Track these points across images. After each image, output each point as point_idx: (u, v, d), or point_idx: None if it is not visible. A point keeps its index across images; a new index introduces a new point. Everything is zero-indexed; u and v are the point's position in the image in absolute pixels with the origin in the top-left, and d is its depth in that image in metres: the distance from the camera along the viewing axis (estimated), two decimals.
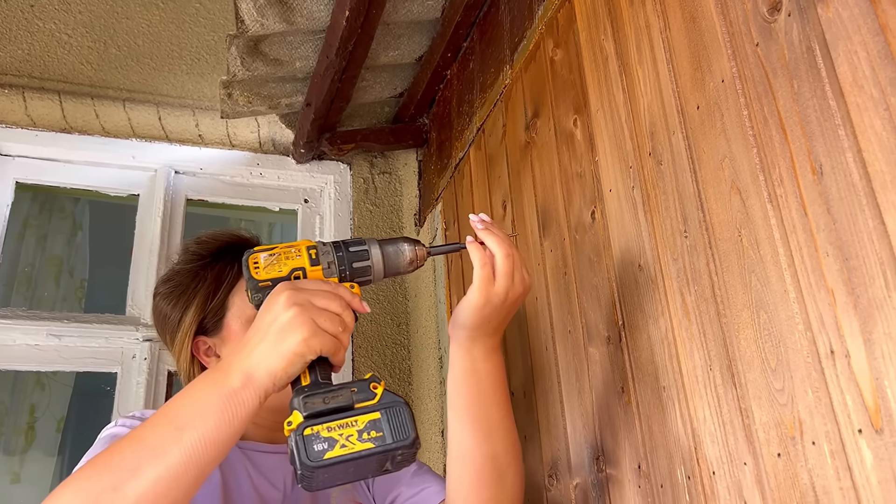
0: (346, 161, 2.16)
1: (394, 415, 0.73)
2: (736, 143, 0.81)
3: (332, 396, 0.73)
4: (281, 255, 0.81)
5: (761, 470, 0.75)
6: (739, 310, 0.79)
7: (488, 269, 0.89)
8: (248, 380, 0.73)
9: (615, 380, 1.03)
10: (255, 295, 0.80)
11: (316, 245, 0.83)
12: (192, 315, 1.06)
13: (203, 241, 1.13)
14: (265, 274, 0.80)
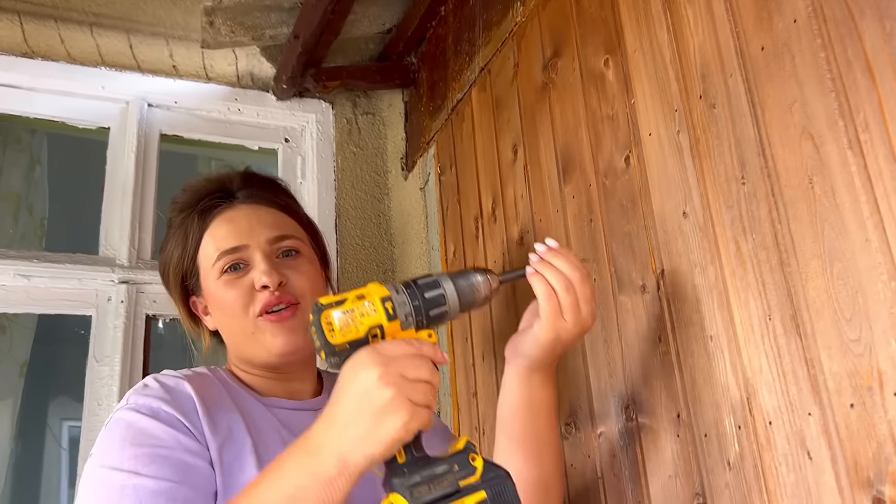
0: (329, 100, 2.07)
1: (499, 492, 0.72)
2: (810, 87, 0.78)
3: (436, 482, 0.70)
4: (355, 312, 0.73)
5: (829, 420, 0.74)
6: (808, 259, 0.77)
7: (554, 303, 0.85)
8: (343, 466, 0.69)
9: (650, 329, 1.01)
10: (332, 359, 0.74)
11: (390, 295, 0.75)
12: (172, 275, 1.03)
13: (186, 190, 1.07)
14: (341, 337, 0.73)
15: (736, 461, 0.85)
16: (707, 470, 0.90)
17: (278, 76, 1.95)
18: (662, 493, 0.97)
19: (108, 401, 1.62)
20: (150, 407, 0.88)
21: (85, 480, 0.86)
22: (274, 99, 2.01)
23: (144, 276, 1.74)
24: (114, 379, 1.64)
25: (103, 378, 1.65)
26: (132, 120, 1.85)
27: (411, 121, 2.03)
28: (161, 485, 0.82)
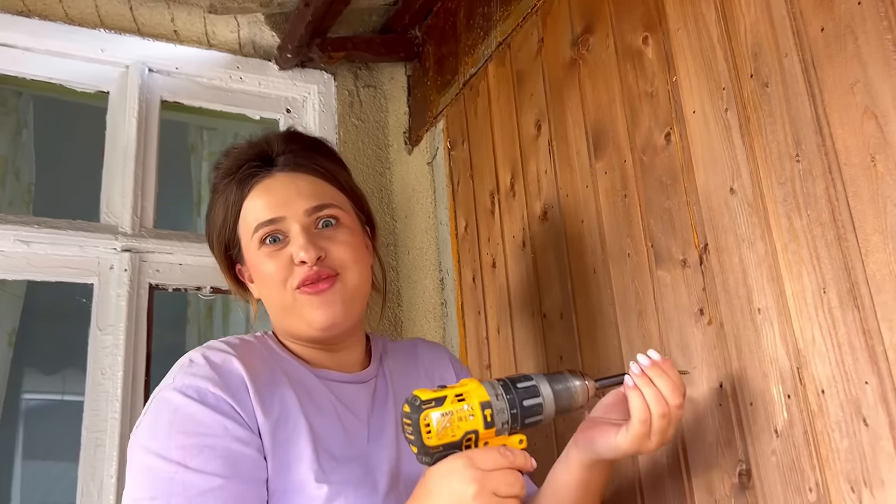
0: (331, 71, 2.04)
1: None
2: (874, 68, 0.81)
3: None
4: (454, 416, 0.74)
5: (887, 388, 0.77)
6: (868, 234, 0.80)
7: (647, 427, 0.84)
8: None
9: (691, 302, 1.03)
10: (424, 458, 0.75)
11: (490, 400, 0.75)
12: (216, 243, 1.02)
13: (228, 155, 1.03)
14: (437, 440, 0.73)
15: (784, 428, 0.88)
16: (752, 437, 0.93)
17: (283, 45, 1.92)
18: (702, 461, 1.00)
19: (113, 370, 1.60)
20: (198, 389, 0.86)
21: (133, 462, 0.85)
22: (276, 68, 1.98)
23: (148, 244, 1.71)
24: (118, 348, 1.61)
25: (107, 347, 1.62)
26: (133, 84, 1.81)
27: (415, 95, 2.02)
28: (211, 481, 0.81)
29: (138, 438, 0.87)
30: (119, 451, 1.54)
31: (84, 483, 1.54)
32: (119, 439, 1.55)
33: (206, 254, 1.75)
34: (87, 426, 1.57)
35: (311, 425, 0.90)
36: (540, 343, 1.37)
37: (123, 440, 1.56)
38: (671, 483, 1.05)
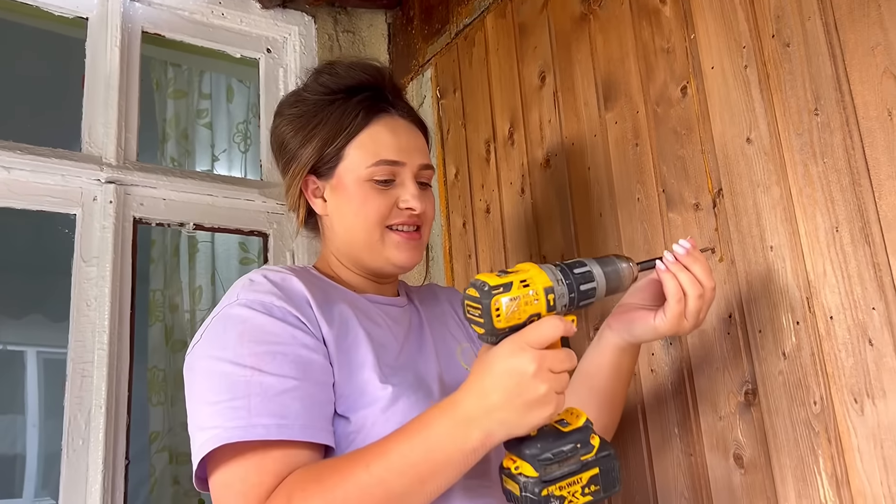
0: (311, 13, 2.04)
1: (608, 469, 0.80)
2: (895, 33, 0.92)
3: (564, 460, 0.78)
4: (521, 300, 0.77)
5: (893, 312, 0.90)
6: (882, 180, 0.92)
7: (682, 307, 0.91)
8: (486, 440, 0.76)
9: (703, 241, 1.13)
10: (491, 338, 0.78)
11: (552, 286, 0.79)
12: (309, 154, 1.02)
13: (336, 73, 1.05)
14: (506, 323, 0.77)
15: (792, 351, 1.00)
16: (760, 360, 1.04)
17: None
18: (708, 384, 1.11)
19: (99, 302, 1.58)
20: (263, 303, 0.90)
21: (201, 372, 0.87)
22: (258, 6, 1.96)
23: (133, 177, 1.69)
24: (105, 280, 1.59)
25: (92, 279, 1.60)
26: (114, 12, 1.76)
27: (396, 43, 2.05)
28: (286, 383, 0.84)
29: (204, 350, 0.89)
30: (107, 382, 1.54)
31: (71, 414, 1.52)
32: (107, 369, 1.55)
33: (190, 190, 1.76)
34: (73, 357, 1.55)
35: (369, 335, 0.95)
36: None
37: (111, 370, 1.55)
38: (675, 402, 1.16)
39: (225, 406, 0.82)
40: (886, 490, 0.89)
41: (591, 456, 0.79)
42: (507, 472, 0.79)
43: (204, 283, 2.27)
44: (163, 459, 2.10)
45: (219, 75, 2.43)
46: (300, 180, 1.03)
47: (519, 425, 0.76)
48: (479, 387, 0.76)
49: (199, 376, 0.88)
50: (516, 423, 0.76)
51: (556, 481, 0.77)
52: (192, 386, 0.89)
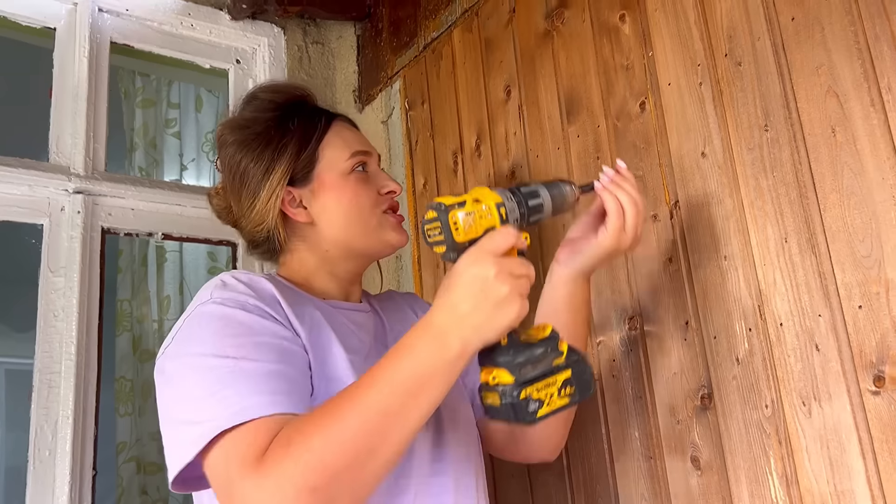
0: (281, 24, 2.06)
1: (580, 371, 0.86)
2: (837, 55, 0.97)
3: (536, 362, 0.83)
4: (475, 215, 0.83)
5: (837, 319, 0.94)
6: (827, 193, 0.97)
7: (621, 221, 0.98)
8: (464, 348, 0.79)
9: (661, 252, 1.18)
10: (452, 254, 0.83)
11: (503, 201, 0.86)
12: (285, 164, 1.04)
13: (273, 91, 1.11)
14: (464, 236, 0.82)
15: (745, 357, 1.05)
16: (714, 366, 1.09)
17: None
18: (666, 388, 1.15)
19: (66, 312, 1.58)
20: (237, 300, 0.91)
21: (181, 369, 0.88)
22: (228, 18, 1.98)
23: (101, 187, 1.69)
24: (72, 291, 1.59)
25: (59, 289, 1.60)
26: (83, 23, 1.76)
27: (365, 55, 2.07)
28: (271, 366, 0.86)
29: (180, 349, 0.89)
30: (74, 392, 1.54)
31: (38, 424, 1.52)
32: (74, 380, 1.54)
33: (158, 199, 1.77)
34: (40, 368, 1.55)
35: (339, 336, 0.98)
36: None
37: (79, 381, 1.55)
38: (636, 407, 1.20)
39: (216, 398, 0.82)
40: (833, 488, 0.94)
41: (562, 360, 0.85)
42: (485, 386, 0.83)
43: (172, 292, 2.27)
44: (130, 469, 2.09)
45: (188, 85, 2.44)
46: (280, 194, 1.04)
47: (490, 328, 0.79)
48: (448, 301, 0.80)
49: (178, 376, 0.88)
50: (487, 327, 0.79)
51: (532, 382, 0.82)
52: (170, 385, 0.89)
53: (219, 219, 1.15)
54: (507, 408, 0.81)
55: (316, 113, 1.10)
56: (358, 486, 0.76)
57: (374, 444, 0.76)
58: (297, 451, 0.75)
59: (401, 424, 0.77)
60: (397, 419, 0.77)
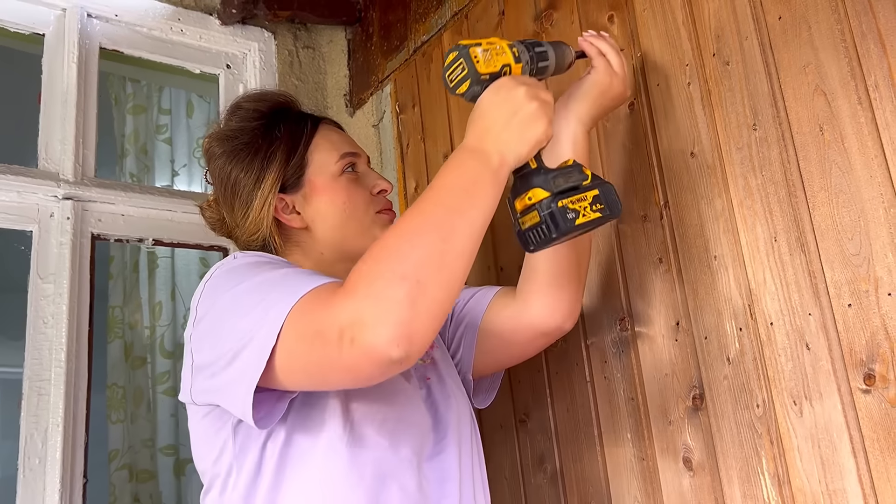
0: (271, 29, 2.06)
1: (606, 191, 0.93)
2: (825, 53, 0.97)
3: (567, 177, 0.91)
4: (491, 51, 0.91)
5: (827, 318, 0.94)
6: (815, 192, 0.96)
7: (606, 61, 1.04)
8: (503, 161, 0.86)
9: (651, 252, 1.17)
10: (475, 87, 0.90)
11: (513, 43, 0.94)
12: (275, 172, 1.04)
13: (257, 100, 1.11)
14: (484, 68, 0.89)
15: (736, 357, 1.04)
16: (706, 366, 1.08)
17: None
18: (658, 389, 1.15)
19: (56, 319, 1.57)
20: (255, 256, 0.94)
21: (215, 310, 0.87)
22: (217, 23, 1.97)
23: (91, 193, 1.68)
24: (62, 297, 1.58)
25: (49, 296, 1.59)
26: (71, 28, 1.76)
27: (356, 59, 2.07)
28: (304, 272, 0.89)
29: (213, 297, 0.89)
30: (64, 400, 1.53)
31: (28, 432, 1.51)
32: (64, 387, 1.53)
33: (149, 205, 1.76)
34: (30, 375, 1.54)
35: None
36: None
37: (69, 388, 1.54)
38: (628, 409, 1.19)
39: (267, 300, 0.81)
40: (825, 487, 0.93)
41: (588, 181, 0.92)
42: (524, 210, 0.90)
43: (164, 298, 2.26)
44: (122, 477, 2.08)
45: (178, 90, 2.43)
46: (272, 201, 1.04)
47: (522, 141, 0.87)
48: (481, 125, 0.88)
49: (213, 315, 0.87)
50: (519, 140, 0.87)
51: (567, 194, 0.89)
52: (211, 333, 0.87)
53: (213, 231, 1.15)
54: (546, 219, 0.88)
55: (301, 118, 1.10)
56: (444, 274, 0.76)
57: (444, 235, 0.78)
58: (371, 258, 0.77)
59: (462, 219, 0.80)
60: (460, 215, 0.80)
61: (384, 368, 0.73)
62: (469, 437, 1.04)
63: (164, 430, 2.16)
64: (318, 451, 0.90)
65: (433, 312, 0.74)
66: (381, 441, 0.92)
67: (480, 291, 1.18)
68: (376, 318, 0.72)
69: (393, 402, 0.95)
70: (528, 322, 1.11)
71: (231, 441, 0.92)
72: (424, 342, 0.74)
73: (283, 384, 0.82)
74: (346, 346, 0.73)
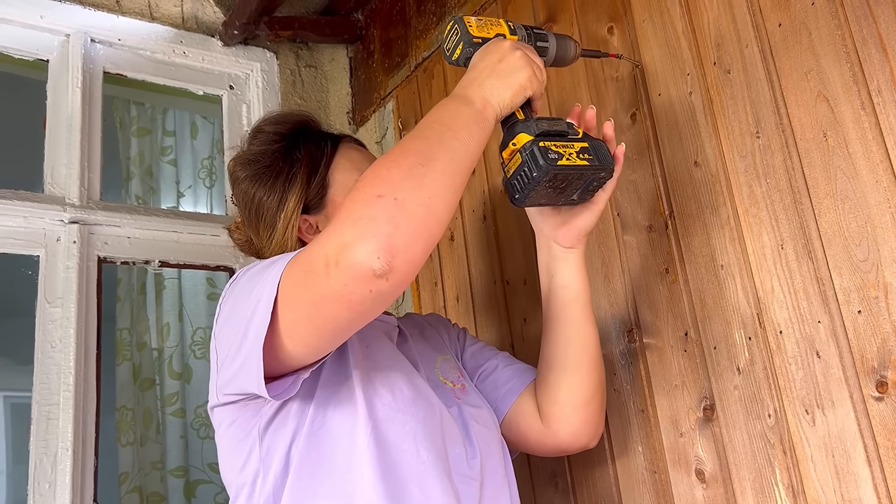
0: (273, 49, 2.07)
1: (597, 146, 0.94)
2: (826, 59, 0.96)
3: (552, 123, 0.92)
4: (486, 21, 0.96)
5: (837, 325, 0.93)
6: (821, 198, 0.96)
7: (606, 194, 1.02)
8: (486, 104, 0.89)
9: (657, 262, 1.17)
10: (467, 49, 0.95)
11: (513, 22, 0.98)
12: (297, 194, 1.05)
13: (276, 123, 1.11)
14: (477, 32, 0.95)
15: (746, 366, 1.03)
16: (716, 376, 1.07)
17: (230, 20, 1.92)
18: (668, 401, 1.14)
19: (64, 343, 1.57)
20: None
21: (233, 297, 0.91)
22: (220, 44, 1.98)
23: (97, 216, 1.69)
24: (69, 321, 1.59)
25: (56, 320, 1.59)
26: (75, 54, 1.77)
27: (358, 76, 2.08)
28: None
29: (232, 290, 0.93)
30: (73, 424, 1.53)
31: (36, 458, 1.51)
32: (73, 411, 1.53)
33: (155, 227, 1.77)
34: (38, 400, 1.54)
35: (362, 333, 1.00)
36: (503, 307, 1.47)
37: (77, 412, 1.54)
38: (638, 421, 1.18)
39: (271, 268, 0.84)
40: (840, 497, 0.92)
41: (579, 136, 0.94)
42: (509, 157, 0.92)
43: (171, 319, 2.26)
44: (133, 500, 2.07)
45: (182, 112, 2.44)
46: (296, 223, 1.05)
47: (506, 85, 0.90)
48: (468, 77, 0.92)
49: (233, 302, 0.91)
50: (504, 84, 0.90)
51: (550, 138, 0.90)
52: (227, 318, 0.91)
53: (241, 251, 1.16)
54: (527, 159, 0.88)
55: (322, 138, 1.10)
56: (423, 193, 0.77)
57: (422, 160, 0.79)
58: (353, 189, 0.78)
59: (442, 147, 0.81)
60: (440, 144, 0.82)
61: (370, 285, 0.74)
62: (501, 459, 1.03)
63: (174, 452, 2.15)
64: (341, 453, 0.90)
65: (414, 227, 0.75)
66: (404, 444, 0.92)
67: (503, 375, 1.15)
68: (354, 236, 0.74)
69: (417, 408, 0.95)
70: (555, 445, 1.10)
71: (258, 445, 0.93)
72: (408, 258, 0.75)
73: (292, 350, 0.83)
74: (332, 271, 0.74)
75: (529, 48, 0.96)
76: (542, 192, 0.91)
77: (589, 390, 1.07)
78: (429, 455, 0.92)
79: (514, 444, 1.12)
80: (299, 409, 0.92)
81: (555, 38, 1.02)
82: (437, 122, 0.85)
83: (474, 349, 1.20)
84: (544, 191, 0.91)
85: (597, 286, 1.26)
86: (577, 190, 0.95)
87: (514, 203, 0.93)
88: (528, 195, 0.91)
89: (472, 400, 1.08)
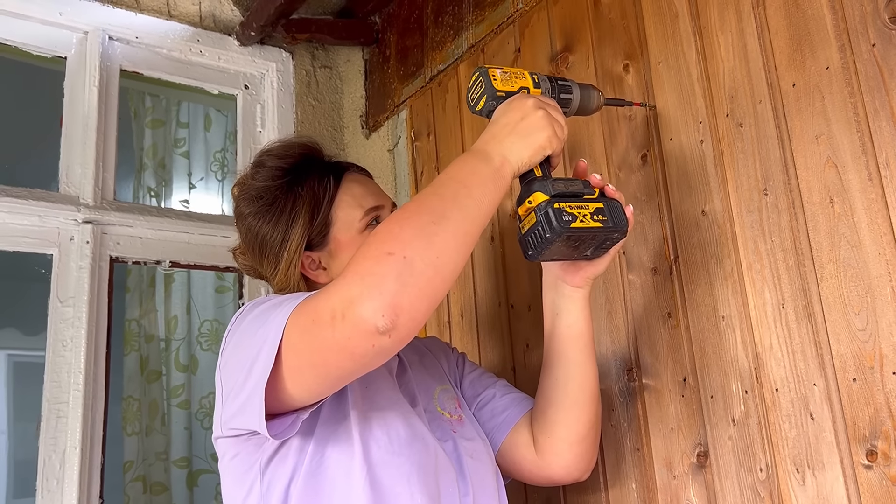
0: (289, 50, 2.07)
1: (613, 206, 0.96)
2: (837, 126, 0.97)
3: (569, 185, 0.95)
4: (511, 74, 0.98)
5: (832, 390, 0.95)
6: (824, 263, 0.97)
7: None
8: (504, 161, 0.90)
9: (660, 305, 1.19)
10: (490, 102, 0.97)
11: (537, 73, 1.00)
12: (299, 233, 1.06)
13: (281, 155, 1.11)
14: (501, 86, 0.97)
15: (741, 418, 1.06)
16: (711, 425, 1.10)
17: (247, 21, 1.93)
18: (663, 443, 1.16)
19: (75, 342, 1.61)
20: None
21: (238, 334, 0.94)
22: (236, 44, 1.99)
23: (110, 217, 1.71)
24: (81, 321, 1.62)
25: (68, 319, 1.62)
26: (93, 52, 1.78)
27: (373, 80, 2.08)
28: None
29: (237, 325, 0.96)
30: (82, 423, 1.56)
31: (45, 455, 1.55)
32: (82, 409, 1.57)
33: (166, 228, 1.79)
34: (49, 398, 1.58)
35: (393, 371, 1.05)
36: (506, 331, 1.50)
37: (86, 411, 1.58)
38: (633, 459, 1.21)
39: (277, 310, 0.87)
40: None
41: (594, 196, 0.96)
42: (525, 214, 0.94)
43: (179, 312, 2.29)
44: (137, 489, 2.13)
45: (196, 105, 2.45)
46: (298, 259, 1.07)
47: (525, 145, 0.91)
48: (489, 132, 0.94)
49: (238, 338, 0.94)
50: (521, 144, 0.91)
51: (565, 199, 0.93)
52: (232, 354, 0.94)
53: (247, 275, 1.19)
54: (541, 219, 0.91)
55: (325, 172, 1.10)
56: (432, 252, 0.79)
57: (434, 218, 0.81)
58: (364, 244, 0.81)
59: (456, 206, 0.84)
60: (454, 202, 0.84)
61: (373, 340, 0.76)
62: (495, 492, 1.06)
63: (178, 443, 2.20)
64: (338, 494, 0.94)
65: (420, 287, 0.78)
66: (398, 488, 0.95)
67: (500, 403, 1.17)
68: (362, 292, 0.76)
69: (412, 450, 0.98)
70: (548, 476, 1.14)
71: (258, 481, 0.96)
72: (412, 316, 0.77)
73: (293, 393, 0.86)
74: (338, 324, 0.77)
75: (552, 104, 0.97)
76: (555, 249, 0.94)
77: (585, 427, 1.10)
78: (422, 497, 0.95)
79: (507, 471, 1.16)
80: (300, 445, 0.95)
81: (578, 89, 1.04)
82: (453, 179, 0.88)
83: (473, 377, 1.23)
84: (558, 249, 0.94)
85: (600, 322, 1.28)
86: (590, 248, 0.97)
87: (528, 258, 0.95)
88: (541, 252, 0.93)
89: (468, 433, 1.10)
